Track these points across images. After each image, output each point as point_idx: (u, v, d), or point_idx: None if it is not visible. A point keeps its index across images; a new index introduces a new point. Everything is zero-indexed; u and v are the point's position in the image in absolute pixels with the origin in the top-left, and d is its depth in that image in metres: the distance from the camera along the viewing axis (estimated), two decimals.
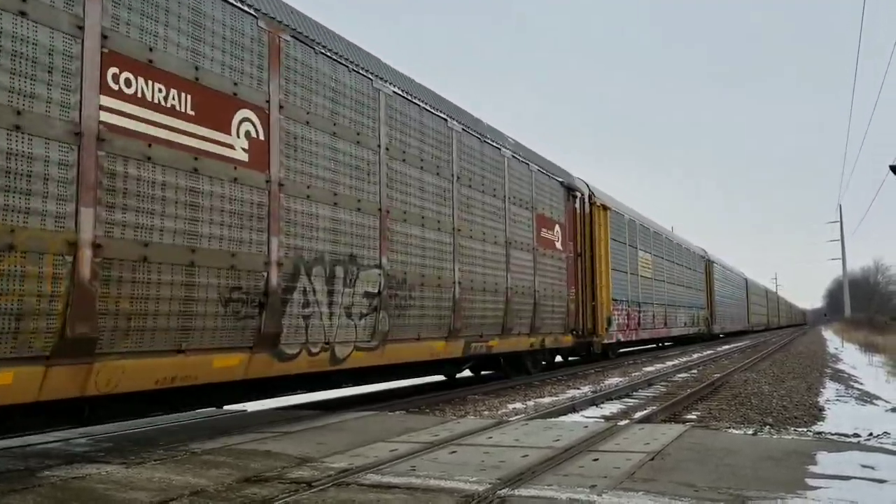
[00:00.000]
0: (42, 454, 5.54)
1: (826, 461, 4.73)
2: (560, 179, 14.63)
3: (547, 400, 10.51)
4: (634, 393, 11.80)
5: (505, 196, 12.01)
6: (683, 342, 30.79)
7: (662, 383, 13.39)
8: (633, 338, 20.02)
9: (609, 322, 17.23)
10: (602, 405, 10.15)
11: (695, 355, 22.70)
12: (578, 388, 12.17)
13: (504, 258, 11.72)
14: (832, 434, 7.61)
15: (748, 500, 3.69)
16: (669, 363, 18.90)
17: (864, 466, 4.60)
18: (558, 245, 14.11)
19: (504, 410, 9.29)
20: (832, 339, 45.23)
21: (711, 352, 24.97)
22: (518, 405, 9.87)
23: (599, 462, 4.76)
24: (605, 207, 17.83)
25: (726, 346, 29.80)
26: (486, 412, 9.12)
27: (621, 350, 21.68)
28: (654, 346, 28.15)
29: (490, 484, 4.12)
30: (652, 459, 4.79)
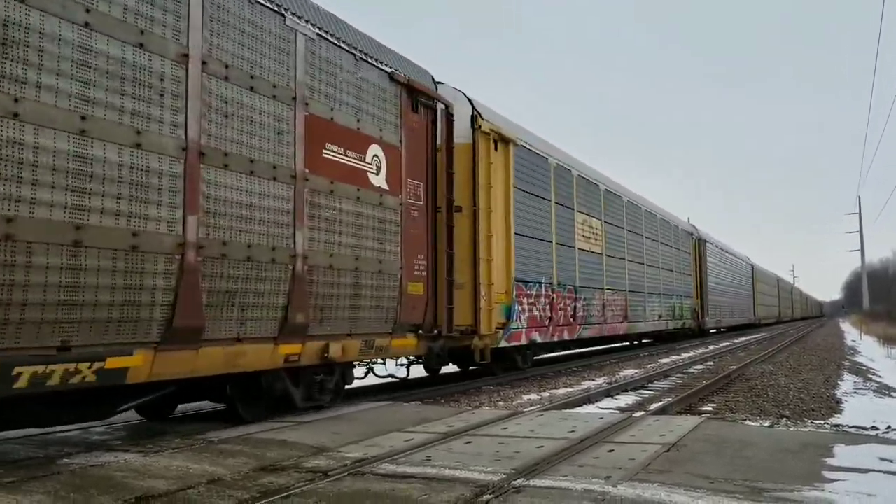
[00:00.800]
0: (61, 442, 5.62)
1: (843, 454, 4.70)
2: (389, 70, 8.25)
3: (562, 391, 10.50)
4: (650, 384, 11.76)
5: (189, 54, 5.61)
6: (663, 340, 24.36)
7: (678, 375, 13.34)
8: (566, 336, 13.66)
9: (508, 314, 11.24)
10: (617, 396, 10.13)
11: (711, 346, 22.58)
12: (594, 380, 12.15)
13: (180, 184, 5.48)
14: (850, 427, 7.55)
15: (764, 492, 3.68)
16: (686, 355, 18.81)
17: (882, 459, 4.56)
18: (377, 181, 7.88)
19: (519, 401, 9.29)
20: (850, 332, 44.85)
21: (728, 343, 24.84)
22: (533, 396, 9.87)
23: (615, 453, 4.75)
24: (504, 139, 11.48)
25: (743, 339, 29.61)
26: (501, 403, 9.12)
27: (549, 355, 16.00)
28: (625, 345, 22.26)
29: (505, 474, 4.12)
30: (667, 451, 4.78)
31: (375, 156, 7.95)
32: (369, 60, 8.01)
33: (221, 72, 5.99)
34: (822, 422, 7.99)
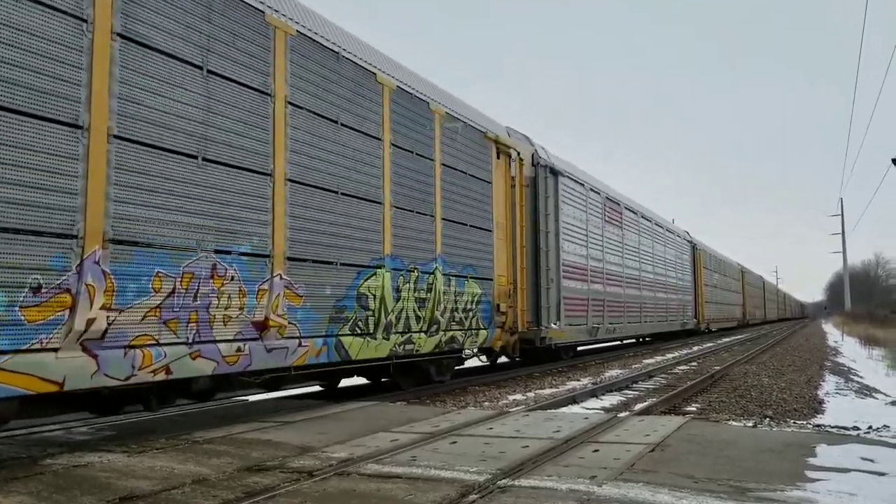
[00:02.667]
0: (44, 442, 5.56)
1: (826, 454, 4.75)
2: None
3: (547, 391, 10.53)
4: (635, 384, 11.82)
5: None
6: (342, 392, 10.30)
7: (662, 375, 13.42)
8: None
9: None
10: (602, 397, 10.17)
11: (696, 348, 22.70)
12: (579, 380, 12.19)
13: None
14: (832, 427, 7.63)
15: (748, 491, 3.71)
16: (670, 355, 18.91)
17: (863, 459, 4.61)
18: None
19: (505, 401, 9.31)
20: (832, 333, 45.26)
21: (712, 344, 24.98)
22: (518, 396, 9.89)
23: (600, 453, 4.78)
24: None
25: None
26: (486, 403, 9.13)
27: None
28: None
29: (490, 474, 4.13)
30: (652, 451, 4.80)
31: None
32: None
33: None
34: (805, 422, 8.06)
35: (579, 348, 17.60)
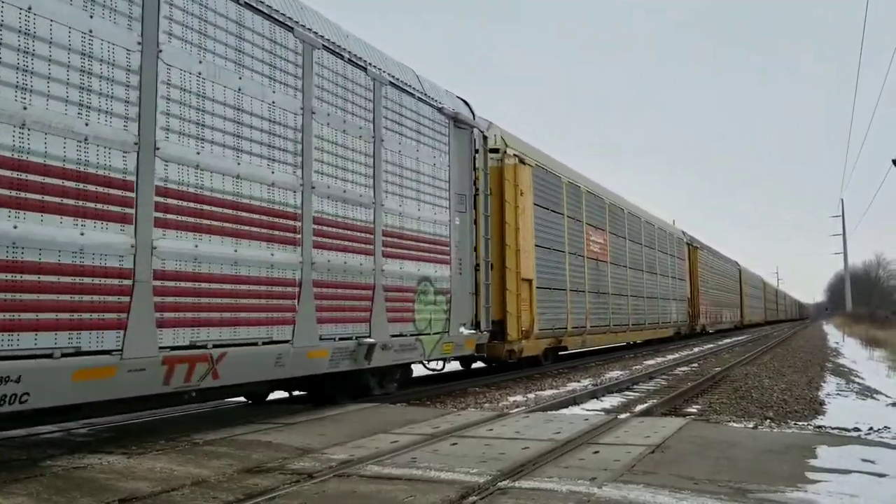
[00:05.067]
0: (45, 444, 5.56)
1: (826, 455, 4.74)
2: None
3: (548, 392, 10.52)
4: (635, 386, 11.81)
5: None
6: None
7: (663, 377, 13.41)
8: None
9: None
10: (603, 398, 10.16)
11: (696, 349, 22.66)
12: (579, 381, 12.18)
13: None
14: (832, 428, 7.61)
15: (748, 492, 3.70)
16: (671, 356, 18.89)
17: (864, 460, 4.61)
18: None
19: (505, 403, 9.30)
20: (833, 334, 45.21)
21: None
22: (519, 398, 9.88)
23: (600, 455, 4.77)
24: None
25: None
26: (486, 404, 9.12)
27: None
28: None
29: (490, 476, 4.13)
30: (652, 452, 4.80)
31: None
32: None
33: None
34: (806, 423, 8.05)
35: None
